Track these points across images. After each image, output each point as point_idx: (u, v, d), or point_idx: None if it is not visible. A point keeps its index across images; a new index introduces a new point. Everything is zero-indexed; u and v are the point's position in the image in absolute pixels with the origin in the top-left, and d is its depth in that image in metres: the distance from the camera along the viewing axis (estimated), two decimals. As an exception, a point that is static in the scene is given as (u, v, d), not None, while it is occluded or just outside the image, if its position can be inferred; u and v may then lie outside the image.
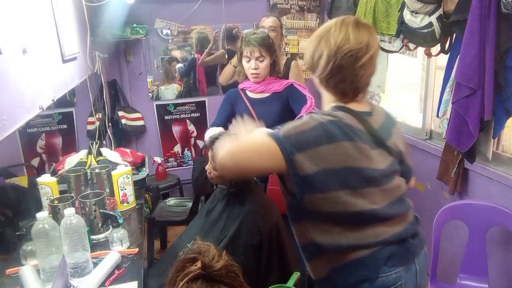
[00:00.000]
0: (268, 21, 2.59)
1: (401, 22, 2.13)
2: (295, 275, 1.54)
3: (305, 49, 1.03)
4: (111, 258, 1.50)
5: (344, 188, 1.08)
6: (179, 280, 0.91)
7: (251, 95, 2.10)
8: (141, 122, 3.56)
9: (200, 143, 3.77)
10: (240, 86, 2.14)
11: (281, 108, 2.04)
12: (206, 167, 1.70)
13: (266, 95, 2.07)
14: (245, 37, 2.03)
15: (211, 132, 1.91)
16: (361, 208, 1.09)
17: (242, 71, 2.10)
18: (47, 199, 1.82)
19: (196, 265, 0.92)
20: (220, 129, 1.94)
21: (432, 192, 2.54)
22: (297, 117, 1.99)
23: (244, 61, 2.03)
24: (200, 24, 3.52)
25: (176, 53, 3.56)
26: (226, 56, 3.52)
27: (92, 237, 1.69)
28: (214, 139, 1.66)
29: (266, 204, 1.73)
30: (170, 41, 3.50)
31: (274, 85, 2.06)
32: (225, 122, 2.09)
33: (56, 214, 1.63)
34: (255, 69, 2.00)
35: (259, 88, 2.06)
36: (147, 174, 2.41)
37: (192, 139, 3.78)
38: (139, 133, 3.59)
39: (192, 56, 3.58)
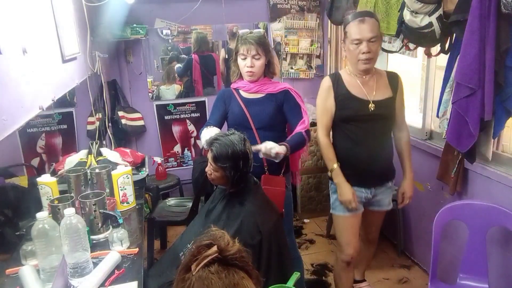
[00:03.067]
0: (367, 30, 1.84)
1: (401, 22, 2.13)
2: (295, 275, 1.54)
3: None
4: (111, 258, 1.51)
5: None
6: (195, 264, 0.91)
7: (245, 94, 2.09)
8: (141, 122, 3.56)
9: (200, 143, 3.77)
10: (233, 85, 2.13)
11: (275, 109, 2.05)
12: (207, 169, 1.70)
13: (260, 95, 2.07)
14: (242, 36, 2.03)
15: (207, 133, 1.91)
16: None
17: (236, 71, 2.10)
18: (47, 199, 1.82)
19: (212, 250, 0.92)
20: (216, 130, 1.94)
21: (432, 192, 2.54)
22: (293, 132, 2.01)
23: (239, 59, 2.03)
24: (200, 24, 3.53)
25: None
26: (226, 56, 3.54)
27: (92, 237, 1.70)
28: (213, 141, 1.66)
29: (266, 204, 1.73)
30: (170, 41, 3.51)
31: (268, 86, 2.06)
32: (219, 121, 2.09)
33: (56, 214, 1.64)
34: (251, 67, 2.00)
35: (253, 88, 2.06)
36: (147, 174, 2.41)
37: (192, 139, 3.79)
38: (139, 133, 3.59)
39: (189, 56, 3.58)
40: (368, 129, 1.95)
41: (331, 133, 2.06)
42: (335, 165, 1.98)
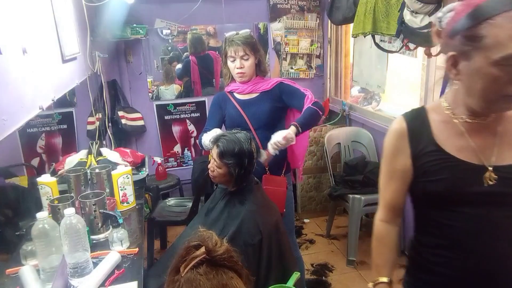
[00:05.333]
0: None
1: (401, 22, 2.13)
2: (295, 275, 1.54)
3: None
4: (111, 258, 1.51)
5: None
6: (184, 265, 0.91)
7: (240, 96, 2.08)
8: (141, 122, 3.56)
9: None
10: (227, 88, 2.12)
11: (271, 106, 2.03)
12: (209, 166, 1.69)
13: (255, 95, 2.06)
14: (228, 38, 2.02)
15: (208, 136, 1.90)
16: None
17: (228, 74, 2.09)
18: (47, 199, 1.82)
19: (200, 251, 0.93)
20: (218, 131, 1.93)
21: (432, 192, 2.53)
22: (304, 109, 1.94)
23: (229, 62, 2.02)
24: (200, 24, 3.53)
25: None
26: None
27: (92, 237, 1.70)
28: (219, 137, 1.66)
29: (266, 203, 1.73)
30: (170, 41, 3.51)
31: (262, 84, 2.05)
32: (217, 126, 2.08)
33: (56, 214, 1.64)
34: (240, 68, 1.99)
35: (247, 89, 2.05)
36: (147, 174, 2.41)
37: (192, 139, 3.78)
38: (139, 133, 3.59)
39: (187, 58, 3.57)
40: (481, 220, 1.02)
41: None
42: (383, 279, 1.15)
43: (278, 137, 1.80)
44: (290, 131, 1.82)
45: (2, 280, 1.45)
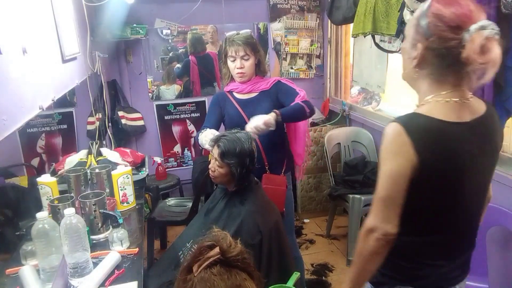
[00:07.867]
0: None
1: (401, 22, 2.13)
2: (295, 275, 1.54)
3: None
4: (111, 258, 1.51)
5: None
6: (197, 265, 0.91)
7: (239, 96, 2.09)
8: (141, 122, 3.57)
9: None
10: (227, 88, 2.12)
11: (270, 105, 2.02)
12: (210, 166, 1.69)
13: (254, 94, 2.07)
14: (229, 37, 2.02)
15: (205, 135, 1.89)
16: None
17: (227, 73, 2.09)
18: (47, 199, 1.82)
19: (214, 251, 0.93)
20: (214, 131, 1.93)
21: (432, 192, 2.54)
22: (291, 104, 1.95)
23: (229, 62, 2.02)
24: (200, 24, 3.53)
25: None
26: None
27: (92, 237, 1.70)
28: (220, 137, 1.66)
29: (266, 203, 1.73)
30: (170, 41, 3.51)
31: (261, 84, 2.06)
32: (215, 125, 2.07)
33: (56, 214, 1.64)
34: (241, 68, 1.99)
35: (246, 88, 2.06)
36: (147, 174, 2.41)
37: (192, 139, 3.78)
38: (139, 133, 3.59)
39: (186, 58, 3.58)
40: None
41: None
42: None
43: (259, 121, 1.79)
44: (270, 116, 1.81)
45: (2, 280, 1.46)
